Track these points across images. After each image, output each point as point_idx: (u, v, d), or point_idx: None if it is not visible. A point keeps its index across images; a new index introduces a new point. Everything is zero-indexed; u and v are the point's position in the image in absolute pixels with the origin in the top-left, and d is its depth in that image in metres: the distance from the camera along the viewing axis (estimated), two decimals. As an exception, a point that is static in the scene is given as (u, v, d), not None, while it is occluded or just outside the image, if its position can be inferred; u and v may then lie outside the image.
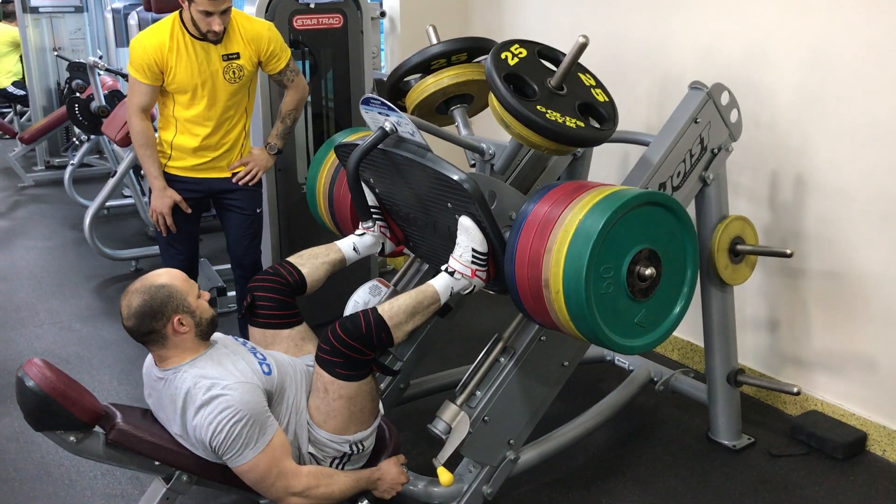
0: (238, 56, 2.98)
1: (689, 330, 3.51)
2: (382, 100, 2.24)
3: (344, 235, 2.65)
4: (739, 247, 2.78)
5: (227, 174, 3.16)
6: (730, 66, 3.10)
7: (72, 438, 2.01)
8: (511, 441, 2.41)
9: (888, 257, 2.78)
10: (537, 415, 2.45)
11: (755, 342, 3.27)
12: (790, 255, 2.70)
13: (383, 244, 2.59)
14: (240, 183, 3.17)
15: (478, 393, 2.34)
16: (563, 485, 2.73)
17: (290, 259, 2.50)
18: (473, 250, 2.20)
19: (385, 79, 4.13)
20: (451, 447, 2.26)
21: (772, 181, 3.09)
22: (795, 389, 2.81)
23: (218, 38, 2.91)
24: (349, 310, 2.53)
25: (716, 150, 2.65)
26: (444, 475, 2.24)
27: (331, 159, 2.82)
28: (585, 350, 2.56)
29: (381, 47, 4.54)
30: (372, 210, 2.52)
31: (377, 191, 2.53)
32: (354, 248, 2.53)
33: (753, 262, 2.87)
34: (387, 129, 2.23)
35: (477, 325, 3.72)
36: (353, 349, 2.11)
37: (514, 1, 4.18)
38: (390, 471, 2.27)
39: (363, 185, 2.48)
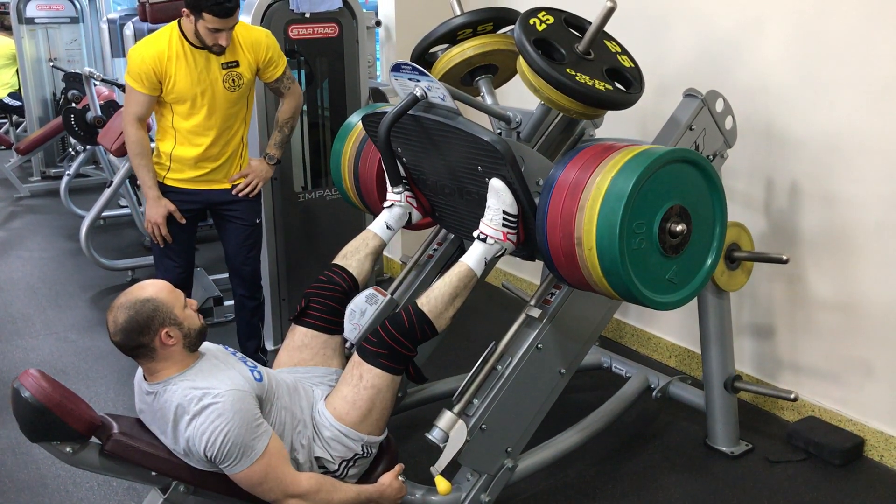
0: (237, 64, 2.98)
1: (686, 336, 3.51)
2: (413, 65, 2.27)
3: (369, 210, 2.67)
4: (735, 253, 2.78)
5: (226, 186, 3.15)
6: (725, 72, 3.11)
7: (68, 449, 2.01)
8: (509, 449, 2.41)
9: (884, 263, 2.78)
10: (535, 423, 2.45)
11: (752, 348, 3.27)
12: (786, 261, 2.70)
13: (410, 214, 2.63)
14: (240, 195, 3.16)
15: (475, 401, 2.34)
16: (561, 493, 2.72)
17: (337, 261, 2.59)
18: (504, 213, 2.23)
19: (381, 87, 4.16)
20: (448, 456, 2.25)
21: (767, 187, 3.09)
22: (793, 395, 2.82)
23: (222, 51, 2.92)
24: (346, 318, 2.54)
25: (711, 157, 2.66)
26: (441, 484, 2.24)
27: (354, 135, 2.86)
28: (582, 358, 2.56)
29: (377, 56, 4.55)
30: (401, 177, 2.57)
31: (405, 160, 2.56)
32: (388, 226, 2.60)
33: (749, 268, 2.87)
34: (417, 94, 2.27)
35: (474, 333, 3.72)
36: (399, 343, 2.23)
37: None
38: (392, 485, 2.27)
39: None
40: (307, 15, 3.58)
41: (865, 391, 2.92)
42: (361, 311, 2.58)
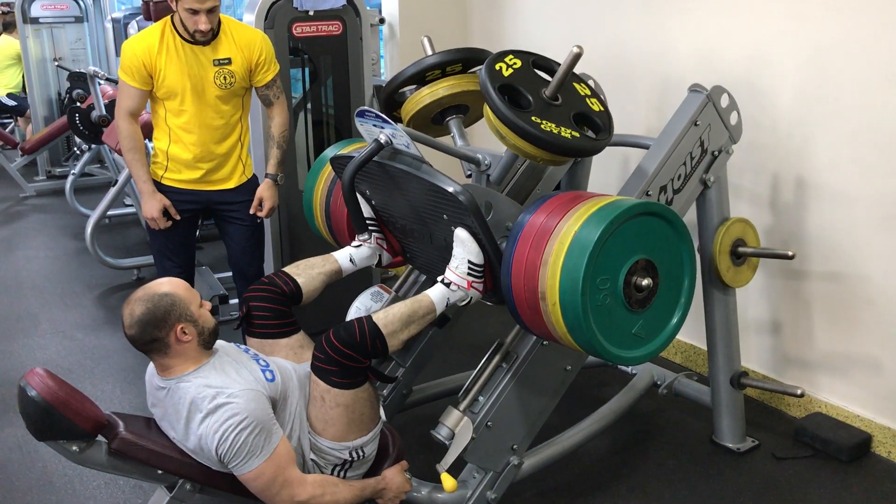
0: (230, 61, 2.97)
1: (691, 333, 3.50)
2: (377, 112, 2.23)
3: (341, 247, 2.64)
4: (741, 249, 2.77)
5: (225, 186, 3.14)
6: (729, 68, 3.11)
7: (74, 448, 2.01)
8: (514, 446, 2.41)
9: (890, 258, 2.77)
10: (540, 419, 2.45)
11: (758, 344, 3.26)
12: (792, 257, 2.70)
13: (380, 256, 2.58)
14: (262, 217, 3.18)
15: (480, 398, 2.34)
16: (568, 489, 2.72)
17: (286, 269, 2.49)
18: (469, 262, 2.19)
19: (384, 85, 4.15)
20: (454, 453, 2.25)
21: (773, 183, 3.08)
22: (799, 391, 2.81)
23: (205, 39, 2.90)
24: (351, 315, 2.52)
25: (716, 153, 2.65)
26: (447, 481, 2.24)
27: (326, 171, 2.82)
28: (588, 355, 2.55)
29: (381, 54, 4.55)
30: (368, 222, 2.52)
31: (373, 202, 2.52)
32: (351, 260, 2.53)
33: (755, 264, 2.86)
34: (381, 141, 2.23)
35: (479, 330, 3.72)
36: (348, 357, 2.10)
37: (513, 7, 4.19)
38: (395, 479, 2.26)
39: (359, 196, 2.48)
40: (311, 13, 3.58)
41: (872, 387, 2.91)
42: (367, 310, 2.57)
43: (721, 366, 2.88)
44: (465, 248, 2.18)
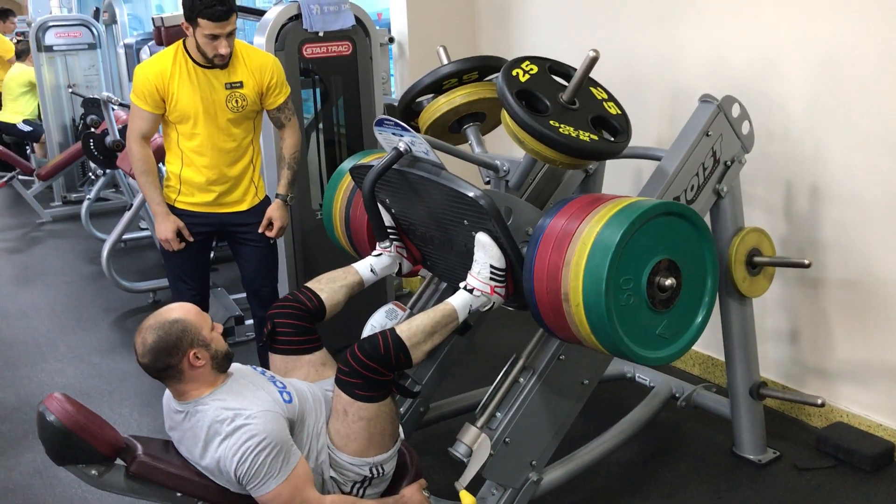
0: (241, 85, 2.99)
1: (709, 344, 3.48)
2: (396, 120, 2.26)
3: (361, 257, 2.66)
4: (756, 259, 2.76)
5: (238, 208, 3.15)
6: (740, 77, 3.10)
7: (93, 472, 2.01)
8: (533, 462, 2.39)
9: (908, 264, 2.75)
10: (559, 435, 2.43)
11: (777, 354, 3.24)
12: (808, 266, 2.68)
13: (400, 264, 2.59)
14: (272, 237, 3.20)
15: (498, 414, 2.33)
16: (588, 505, 2.70)
17: (309, 284, 2.51)
18: (491, 266, 2.20)
19: (396, 103, 4.17)
20: (472, 470, 2.24)
21: (786, 191, 3.07)
22: (820, 401, 2.78)
23: (225, 63, 2.93)
24: (366, 333, 2.52)
25: (729, 163, 2.64)
26: (466, 498, 2.22)
27: (345, 183, 2.84)
28: (605, 368, 2.54)
29: (391, 72, 4.57)
30: (388, 230, 2.53)
31: (393, 211, 2.54)
32: (372, 270, 2.54)
33: (771, 273, 2.85)
34: (401, 149, 2.25)
35: (495, 345, 3.71)
36: (372, 370, 2.11)
37: (521, 20, 4.20)
38: (413, 497, 2.26)
39: (379, 205, 2.49)
40: (321, 34, 3.60)
41: (894, 395, 2.88)
42: (382, 327, 2.57)
43: (740, 377, 2.86)
44: (486, 253, 2.19)
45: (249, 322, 4.06)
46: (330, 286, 2.49)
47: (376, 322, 2.56)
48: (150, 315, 2.11)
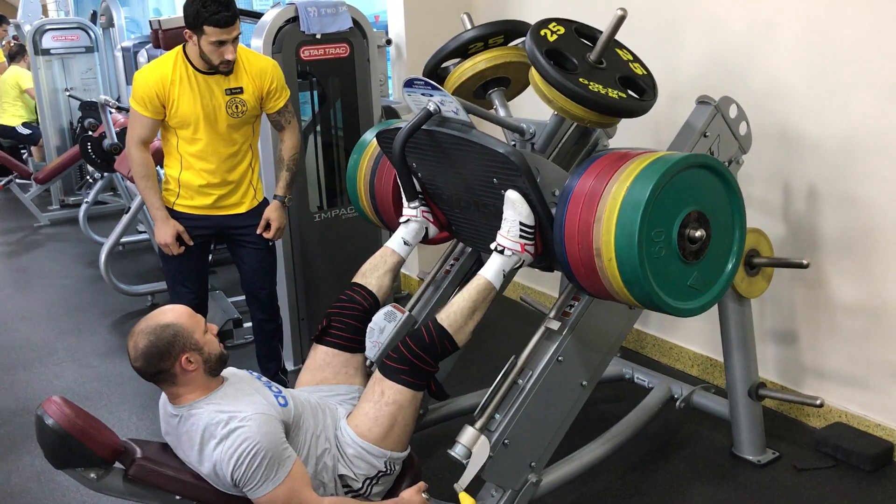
0: (241, 90, 2.99)
1: (708, 345, 3.48)
2: (426, 80, 2.28)
3: (386, 226, 2.67)
4: (755, 259, 2.76)
5: (237, 211, 3.15)
6: (737, 78, 3.10)
7: (92, 475, 2.01)
8: (532, 464, 2.39)
9: (906, 264, 2.75)
10: (558, 436, 2.43)
11: (775, 355, 3.24)
12: (806, 266, 2.68)
13: (427, 229, 2.63)
14: (270, 238, 3.20)
15: (497, 416, 2.32)
16: (587, 506, 2.70)
17: (356, 280, 2.59)
18: (521, 224, 2.22)
19: (394, 105, 4.17)
20: (472, 472, 2.24)
21: (784, 192, 3.07)
22: (818, 401, 2.78)
23: (230, 69, 2.93)
24: (367, 336, 2.54)
25: (727, 164, 2.64)
26: (466, 500, 2.22)
27: (369, 152, 2.87)
28: (604, 369, 2.54)
29: (389, 75, 4.57)
30: (417, 192, 2.57)
31: (420, 175, 2.56)
32: (405, 242, 2.60)
33: (770, 274, 2.85)
34: (431, 109, 2.28)
35: (493, 348, 3.71)
36: (421, 359, 2.23)
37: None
38: (413, 500, 2.26)
39: None
40: (318, 36, 3.60)
41: (892, 395, 2.88)
42: (380, 329, 2.59)
43: (738, 377, 2.86)
44: (515, 210, 2.22)
45: (248, 325, 4.06)
46: (375, 275, 2.57)
47: (375, 324, 2.58)
48: (143, 318, 2.11)
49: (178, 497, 2.09)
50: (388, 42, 4.41)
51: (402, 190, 2.55)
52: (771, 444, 2.95)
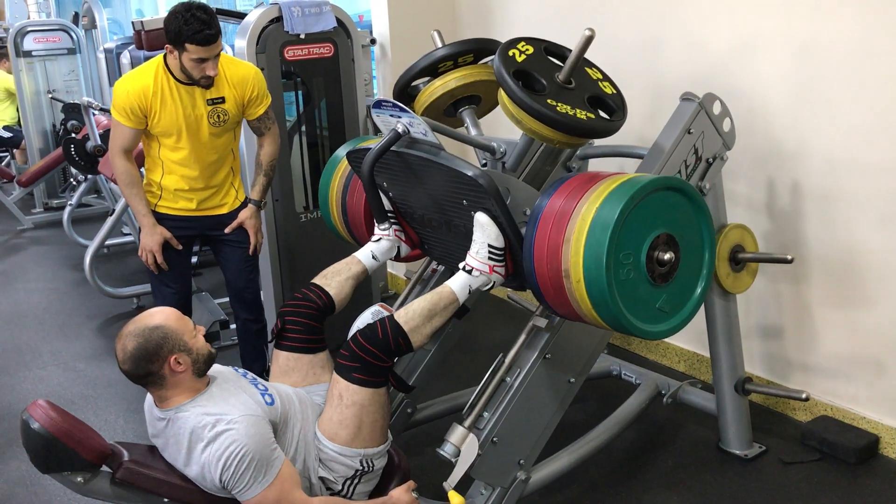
0: (223, 100, 2.97)
1: (694, 340, 3.50)
2: (394, 101, 2.27)
3: (358, 243, 2.66)
4: (740, 255, 2.78)
5: (219, 211, 3.15)
6: (720, 75, 3.12)
7: (79, 479, 2.00)
8: (521, 461, 2.40)
9: (889, 257, 2.78)
10: (546, 433, 2.44)
11: (761, 350, 3.26)
12: (791, 261, 2.69)
13: (399, 248, 2.62)
14: (253, 251, 3.20)
15: (485, 414, 2.33)
16: (575, 502, 2.70)
17: (316, 280, 2.55)
18: (490, 246, 2.21)
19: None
20: (461, 470, 2.24)
21: (768, 187, 3.09)
22: (804, 395, 2.80)
23: (210, 83, 2.91)
24: (352, 334, 2.53)
25: (711, 160, 2.65)
26: (455, 499, 2.22)
27: (341, 170, 2.85)
28: (591, 366, 2.55)
29: (373, 74, 4.57)
30: (387, 213, 2.55)
31: (391, 194, 2.56)
32: (373, 256, 2.58)
33: (755, 269, 2.86)
34: (399, 130, 2.27)
35: (481, 346, 3.71)
36: (372, 354, 2.16)
37: (502, 23, 4.21)
38: (402, 498, 2.25)
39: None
40: (302, 36, 3.59)
41: (877, 388, 2.91)
42: (368, 329, 2.58)
43: (725, 373, 2.87)
44: (484, 233, 2.21)
45: (234, 326, 4.04)
46: (336, 280, 2.53)
47: (362, 324, 2.56)
48: (131, 321, 2.10)
49: (165, 500, 2.08)
50: (373, 41, 4.41)
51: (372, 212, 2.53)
52: (757, 439, 2.97)
